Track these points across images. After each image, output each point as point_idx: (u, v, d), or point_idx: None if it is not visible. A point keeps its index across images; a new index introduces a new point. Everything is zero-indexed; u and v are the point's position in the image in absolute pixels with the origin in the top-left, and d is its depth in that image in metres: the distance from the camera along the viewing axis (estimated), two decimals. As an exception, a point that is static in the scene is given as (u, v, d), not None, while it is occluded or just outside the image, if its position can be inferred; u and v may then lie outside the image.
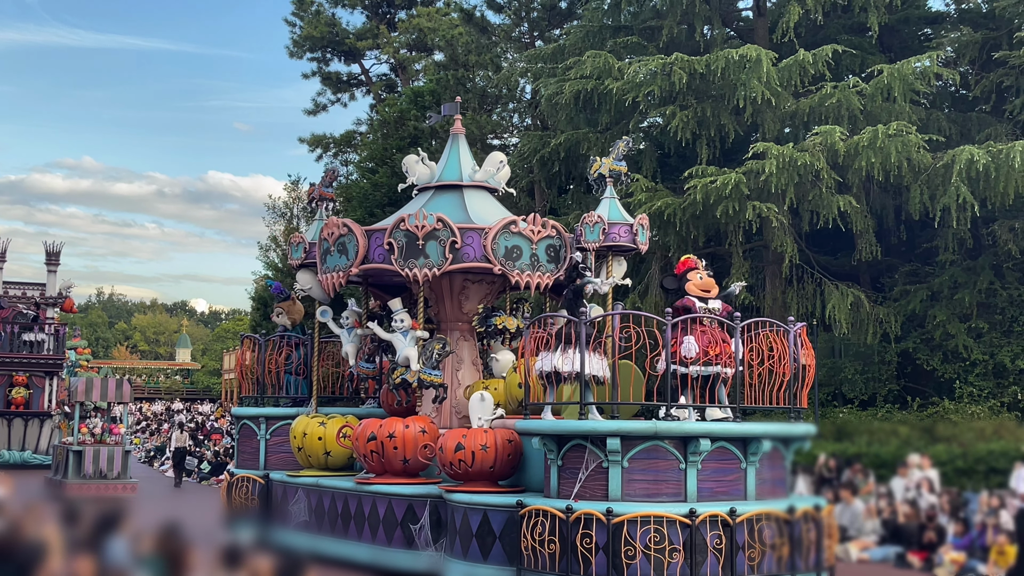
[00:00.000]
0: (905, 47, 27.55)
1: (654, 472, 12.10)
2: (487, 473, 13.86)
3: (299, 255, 17.25)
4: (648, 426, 12.16)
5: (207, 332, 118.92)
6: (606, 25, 29.00)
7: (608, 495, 12.16)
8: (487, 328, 16.10)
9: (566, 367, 12.70)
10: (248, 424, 18.22)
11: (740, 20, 30.89)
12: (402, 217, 15.29)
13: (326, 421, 16.35)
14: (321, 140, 51.26)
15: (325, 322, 17.08)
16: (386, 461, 14.81)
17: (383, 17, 51.09)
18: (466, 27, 40.41)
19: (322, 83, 52.64)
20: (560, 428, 12.78)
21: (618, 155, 15.60)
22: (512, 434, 14.04)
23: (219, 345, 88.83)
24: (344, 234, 15.60)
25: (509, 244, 15.07)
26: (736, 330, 12.67)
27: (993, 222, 23.99)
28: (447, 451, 13.96)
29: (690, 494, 12.15)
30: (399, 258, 15.02)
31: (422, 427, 14.95)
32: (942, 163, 22.98)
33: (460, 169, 16.69)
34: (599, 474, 12.21)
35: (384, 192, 40.47)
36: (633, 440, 12.11)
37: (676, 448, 12.11)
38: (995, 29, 26.89)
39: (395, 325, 15.26)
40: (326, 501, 15.82)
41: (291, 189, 55.26)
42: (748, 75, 24.05)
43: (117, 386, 27.23)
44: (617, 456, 12.08)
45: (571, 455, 12.49)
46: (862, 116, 23.62)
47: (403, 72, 50.39)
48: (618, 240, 15.33)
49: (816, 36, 26.49)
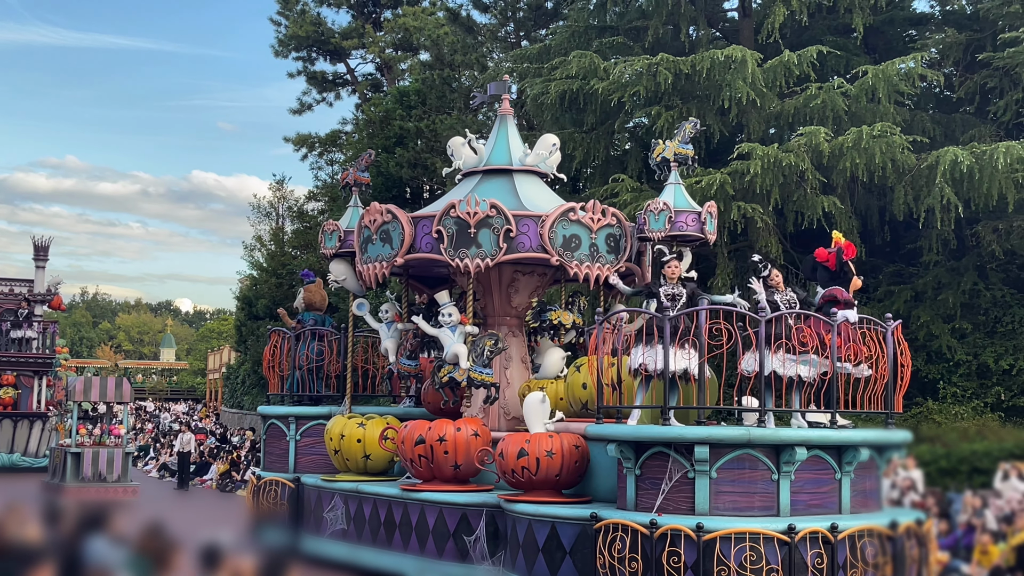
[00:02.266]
0: (890, 48, 26.58)
1: (744, 483, 10.87)
2: (552, 482, 12.35)
3: (333, 244, 15.83)
4: (741, 433, 10.85)
5: (192, 332, 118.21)
6: (592, 25, 28.23)
7: (695, 508, 10.84)
8: (541, 323, 14.71)
9: (650, 364, 11.45)
10: (276, 424, 16.73)
11: (725, 21, 30.46)
12: (452, 203, 13.82)
13: (365, 422, 14.83)
14: (306, 140, 49.55)
15: (362, 315, 15.85)
16: (435, 466, 13.39)
17: (369, 16, 49.41)
18: (452, 27, 39.17)
19: (307, 82, 51.06)
20: (640, 434, 11.31)
21: (684, 137, 14.23)
22: (579, 439, 12.51)
23: (204, 345, 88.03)
24: (388, 221, 14.21)
25: (567, 233, 13.76)
26: (833, 328, 11.41)
27: (977, 223, 23.68)
28: (508, 457, 12.43)
29: (783, 508, 10.91)
30: (449, 247, 13.69)
31: (474, 430, 13.50)
32: (926, 164, 22.65)
33: (510, 152, 15.28)
34: (684, 485, 10.93)
35: (370, 192, 40.48)
36: (722, 448, 10.82)
37: (768, 457, 10.89)
38: (979, 31, 26.26)
39: (442, 320, 13.84)
40: (367, 508, 14.32)
41: (276, 189, 53.32)
42: (733, 76, 23.07)
43: (117, 385, 25.89)
44: (705, 466, 10.78)
45: (651, 464, 11.17)
46: (847, 117, 22.81)
47: (389, 72, 48.67)
48: (685, 229, 13.86)
49: (801, 37, 25.70)
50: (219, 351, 68.44)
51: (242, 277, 54.77)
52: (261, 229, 51.47)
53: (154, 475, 32.91)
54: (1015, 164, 20.80)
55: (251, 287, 49.52)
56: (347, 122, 50.06)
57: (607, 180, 23.71)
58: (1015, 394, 21.60)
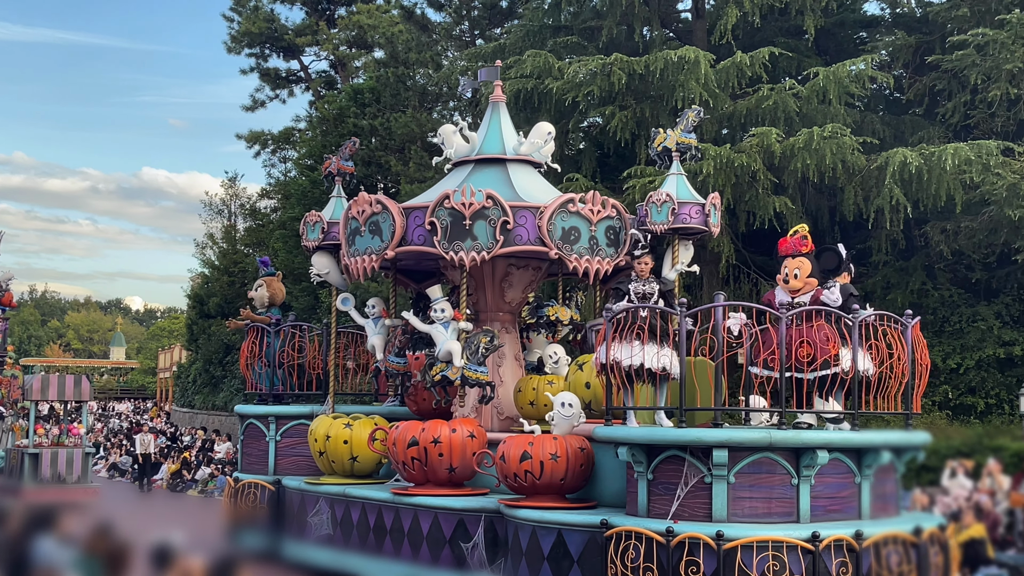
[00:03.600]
0: (841, 50, 26.31)
1: (763, 488, 10.23)
2: (556, 486, 11.57)
3: (316, 236, 14.94)
4: (762, 435, 10.16)
5: (142, 330, 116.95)
6: (546, 25, 27.85)
7: (712, 515, 10.16)
8: (538, 320, 14.03)
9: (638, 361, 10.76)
10: (255, 424, 15.86)
11: (679, 22, 30.11)
12: (446, 193, 12.92)
13: (352, 423, 13.97)
14: (259, 137, 48.55)
15: (347, 311, 14.94)
16: (429, 469, 12.59)
17: (323, 14, 48.32)
18: (406, 24, 37.49)
19: (260, 79, 49.95)
20: (654, 437, 10.55)
21: (687, 126, 13.56)
22: (584, 441, 11.73)
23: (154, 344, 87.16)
24: (378, 212, 13.37)
25: (566, 225, 12.99)
26: (854, 326, 10.75)
27: (925, 224, 23.50)
28: (511, 460, 11.60)
29: (803, 513, 10.28)
30: (443, 240, 12.87)
31: (470, 431, 12.66)
32: (876, 165, 22.20)
33: (503, 141, 14.49)
34: (701, 491, 10.24)
35: (323, 190, 40.03)
36: (741, 452, 10.15)
37: (788, 461, 10.25)
38: (928, 33, 25.12)
39: (435, 315, 13.00)
40: (355, 513, 13.43)
41: (228, 186, 52.12)
42: (686, 76, 22.47)
43: (76, 384, 24.88)
44: (723, 470, 10.11)
45: (665, 468, 10.48)
46: (798, 118, 22.62)
47: (343, 69, 47.55)
48: (688, 221, 13.04)
49: (753, 39, 25.41)
50: (170, 350, 67.52)
51: (193, 275, 54.04)
52: (213, 227, 50.42)
53: (103, 475, 31.94)
54: (963, 166, 20.98)
55: (203, 285, 48.50)
56: (300, 119, 48.93)
57: (561, 179, 23.70)
58: (962, 392, 21.75)
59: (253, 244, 45.28)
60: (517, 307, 14.39)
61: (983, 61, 22.54)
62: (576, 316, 14.14)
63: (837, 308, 10.91)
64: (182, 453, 31.67)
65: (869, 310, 11.56)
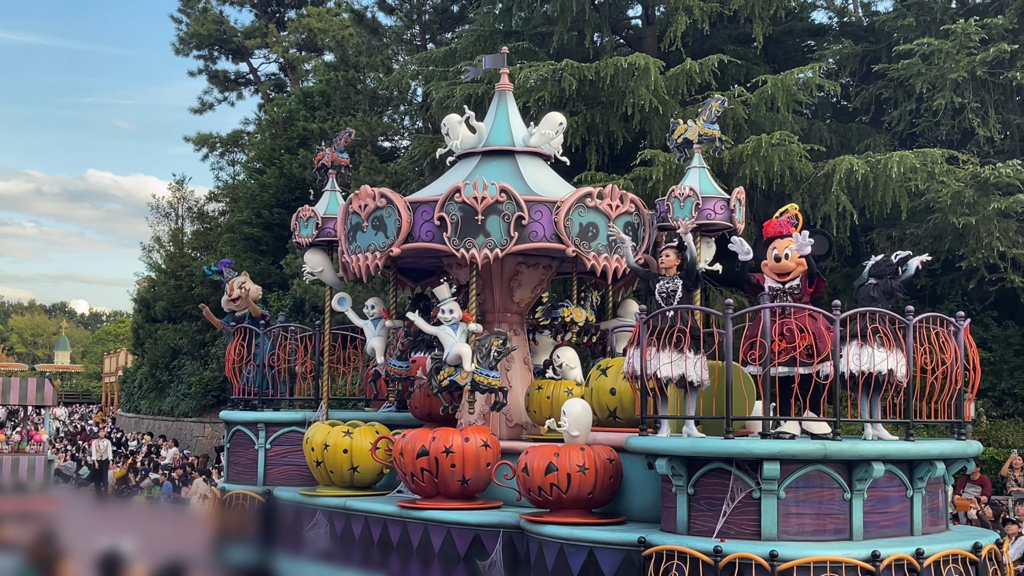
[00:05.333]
0: (789, 58, 26.14)
1: (815, 504, 9.38)
2: (584, 500, 10.50)
3: (310, 232, 13.83)
4: (816, 447, 9.30)
5: (87, 334, 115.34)
6: (497, 30, 27.37)
7: (761, 533, 9.24)
8: (552, 321, 12.89)
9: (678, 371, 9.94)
10: (243, 431, 14.63)
11: (629, 28, 29.72)
12: (457, 187, 11.85)
13: (352, 430, 12.86)
14: (207, 139, 47.31)
15: (343, 311, 13.86)
16: (440, 481, 11.46)
17: (272, 16, 47.10)
18: (357, 28, 36.17)
19: (209, 81, 48.72)
20: (698, 448, 9.56)
21: (710, 116, 12.59)
22: (612, 452, 10.67)
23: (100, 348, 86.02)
24: (382, 207, 12.31)
25: (584, 221, 12.00)
26: (909, 328, 9.94)
27: (871, 230, 22.46)
28: (534, 472, 10.52)
29: (855, 530, 9.44)
30: (453, 236, 11.84)
31: (484, 440, 11.53)
32: (823, 172, 21.18)
33: (511, 132, 13.43)
34: (749, 506, 9.35)
35: (272, 193, 36.30)
36: (793, 464, 9.27)
37: (840, 474, 9.40)
38: (875, 42, 24.97)
39: (442, 316, 11.91)
40: (356, 527, 12.31)
41: (176, 189, 50.84)
42: (637, 83, 22.21)
43: (38, 387, 23.79)
44: (773, 484, 9.21)
45: (708, 482, 9.56)
46: (746, 125, 22.51)
47: (292, 72, 46.43)
48: (712, 217, 12.12)
49: (703, 46, 25.20)
50: (115, 354, 66.73)
51: (140, 279, 53.34)
52: (160, 230, 48.96)
53: (42, 482, 32.03)
54: (908, 173, 21.11)
55: (149, 289, 47.19)
56: (249, 122, 47.70)
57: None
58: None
59: (201, 248, 44.83)
60: (525, 308, 13.31)
61: (928, 70, 22.74)
62: (591, 317, 13.07)
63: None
64: (128, 459, 31.33)
65: None
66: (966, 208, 20.81)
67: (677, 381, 9.93)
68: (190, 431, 39.19)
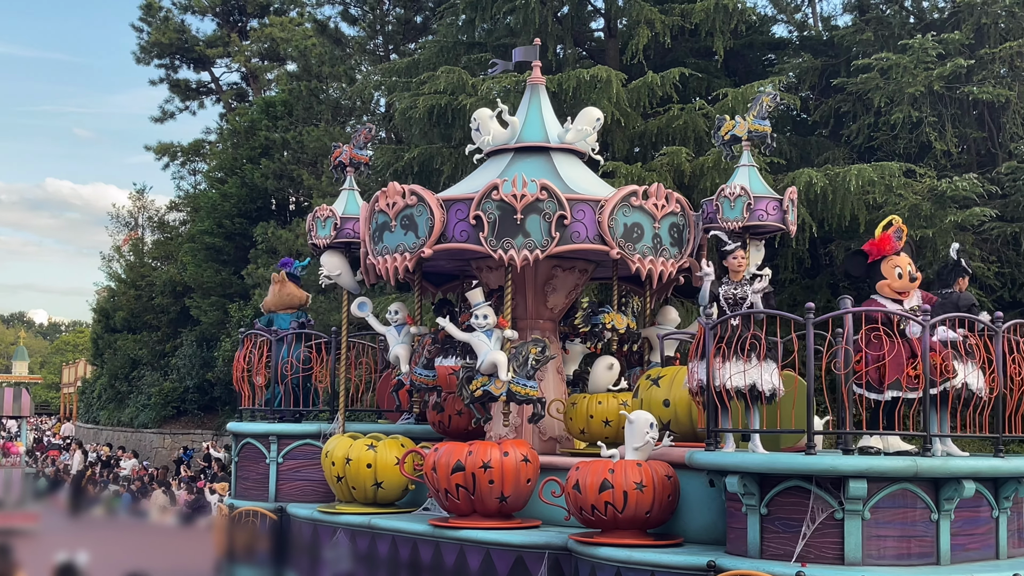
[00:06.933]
0: (749, 72, 25.95)
1: (900, 525, 8.59)
2: (641, 520, 9.61)
3: (327, 233, 12.75)
4: (907, 464, 8.51)
5: (46, 344, 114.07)
6: (460, 41, 27.18)
7: (844, 557, 8.41)
8: (592, 328, 12.01)
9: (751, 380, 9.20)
10: (253, 444, 13.64)
11: (592, 40, 29.89)
12: (494, 183, 10.93)
13: (376, 444, 11.85)
14: (168, 148, 46.11)
15: (363, 317, 12.84)
16: (477, 498, 10.50)
17: (234, 25, 45.86)
18: (320, 38, 35.10)
19: (170, 90, 47.44)
20: (775, 464, 8.74)
21: (761, 111, 11.82)
22: (670, 468, 9.82)
23: (58, 358, 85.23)
24: (412, 205, 11.39)
25: (629, 221, 11.18)
26: (998, 336, 9.14)
27: (830, 242, 22.16)
28: (587, 490, 9.64)
29: (943, 554, 8.68)
30: (490, 236, 10.95)
31: (524, 454, 10.56)
32: (782, 185, 23.33)
33: (544, 128, 12.60)
34: (831, 528, 8.57)
35: (233, 203, 35.12)
36: (880, 482, 8.48)
37: (927, 493, 8.62)
38: (834, 56, 24.62)
39: (475, 322, 11.07)
40: (382, 547, 11.33)
41: (136, 198, 49.54)
42: (599, 95, 21.92)
43: (15, 398, 23.48)
44: (858, 504, 8.41)
45: (783, 501, 8.76)
46: (707, 138, 22.02)
47: (255, 81, 45.20)
48: (765, 219, 11.23)
49: (664, 59, 24.93)
50: (74, 364, 66.12)
51: (99, 288, 52.76)
52: (120, 239, 48.03)
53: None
54: (866, 186, 21.14)
55: (109, 299, 46.05)
56: (211, 131, 46.11)
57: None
58: (865, 409, 22.35)
59: (161, 257, 44.56)
60: (559, 314, 12.40)
61: (886, 84, 22.85)
62: (632, 324, 12.19)
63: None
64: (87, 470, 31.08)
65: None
66: (923, 221, 20.94)
67: (748, 391, 9.14)
68: (149, 442, 38.78)
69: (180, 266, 39.71)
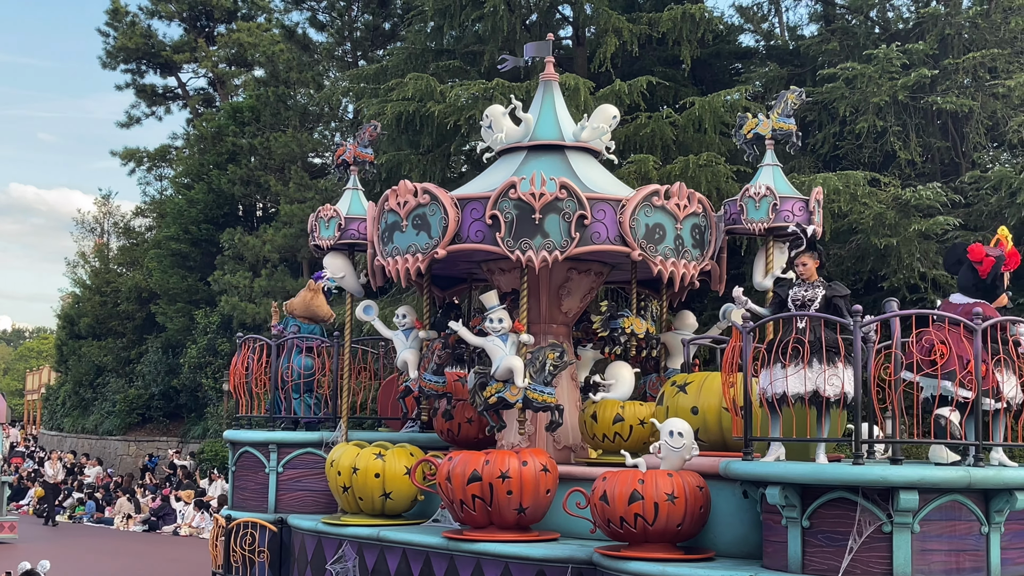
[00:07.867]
0: (716, 81, 25.81)
1: (949, 539, 8.13)
2: (672, 533, 9.10)
3: (331, 233, 12.19)
4: (959, 475, 8.05)
5: (9, 351, 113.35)
6: (429, 48, 27.00)
7: (893, 572, 7.95)
8: (611, 332, 11.60)
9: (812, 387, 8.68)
10: (252, 453, 13.04)
11: (560, 49, 30.39)
12: (512, 182, 10.43)
13: (384, 453, 11.29)
14: (134, 154, 45.35)
15: (369, 321, 12.28)
16: (495, 510, 9.96)
17: (201, 30, 45.21)
18: (287, 44, 34.70)
19: (136, 95, 46.75)
20: (820, 475, 8.21)
21: (786, 110, 11.65)
22: (700, 479, 9.32)
23: (22, 365, 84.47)
24: (424, 204, 10.88)
25: (651, 222, 10.68)
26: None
27: None
28: (616, 501, 9.12)
29: (993, 569, 8.24)
30: (507, 236, 10.47)
31: (543, 464, 10.04)
32: None
33: (559, 125, 12.22)
34: (878, 541, 8.10)
35: (200, 209, 34.59)
36: (931, 494, 8.04)
37: (978, 504, 8.17)
38: (800, 66, 24.61)
39: (489, 327, 10.56)
40: (392, 561, 10.77)
41: (101, 204, 48.97)
42: (567, 103, 24.36)
43: None
44: (907, 517, 7.97)
45: (827, 513, 8.28)
46: (675, 146, 22.23)
47: (222, 87, 44.64)
48: (790, 219, 10.83)
49: (632, 67, 24.90)
50: (38, 371, 65.53)
51: (64, 295, 52.51)
52: (85, 245, 47.31)
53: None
54: (831, 195, 21.17)
55: (73, 305, 45.58)
56: (178, 137, 45.37)
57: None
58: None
59: (127, 263, 44.27)
60: (573, 318, 11.92)
61: (851, 94, 22.94)
62: (652, 329, 11.76)
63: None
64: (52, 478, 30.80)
65: None
66: (888, 230, 21.03)
67: (810, 398, 8.58)
68: (114, 449, 38.41)
69: (146, 272, 39.40)
